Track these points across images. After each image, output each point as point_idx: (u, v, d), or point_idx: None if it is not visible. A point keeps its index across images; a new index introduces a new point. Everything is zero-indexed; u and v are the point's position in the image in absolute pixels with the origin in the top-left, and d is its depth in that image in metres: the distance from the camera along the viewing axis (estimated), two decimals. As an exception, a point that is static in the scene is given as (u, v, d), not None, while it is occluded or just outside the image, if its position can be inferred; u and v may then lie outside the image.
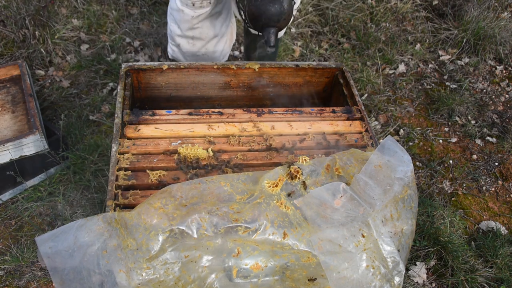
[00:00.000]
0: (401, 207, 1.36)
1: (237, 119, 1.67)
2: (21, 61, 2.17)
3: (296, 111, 1.71)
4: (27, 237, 1.81)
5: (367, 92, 2.57)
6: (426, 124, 2.44)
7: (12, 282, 1.68)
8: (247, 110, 1.69)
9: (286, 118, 1.70)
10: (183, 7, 1.96)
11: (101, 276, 1.16)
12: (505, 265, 1.78)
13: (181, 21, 2.03)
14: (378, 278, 1.28)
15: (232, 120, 1.66)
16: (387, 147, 1.39)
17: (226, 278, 1.25)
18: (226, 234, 1.21)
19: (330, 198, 1.27)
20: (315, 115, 1.72)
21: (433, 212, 1.94)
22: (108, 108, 2.36)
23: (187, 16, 1.99)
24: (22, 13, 2.55)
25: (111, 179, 1.44)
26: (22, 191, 1.94)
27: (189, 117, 1.65)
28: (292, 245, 1.23)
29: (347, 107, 1.77)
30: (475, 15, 2.88)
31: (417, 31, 3.00)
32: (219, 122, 1.66)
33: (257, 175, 1.35)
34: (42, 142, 1.83)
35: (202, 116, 1.65)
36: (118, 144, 1.55)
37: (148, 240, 1.17)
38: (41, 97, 2.38)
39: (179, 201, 1.25)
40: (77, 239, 1.18)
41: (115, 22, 2.84)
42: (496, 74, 2.77)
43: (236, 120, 1.67)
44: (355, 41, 2.88)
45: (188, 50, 2.18)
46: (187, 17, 2.00)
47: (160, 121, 1.64)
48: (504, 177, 2.18)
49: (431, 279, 1.76)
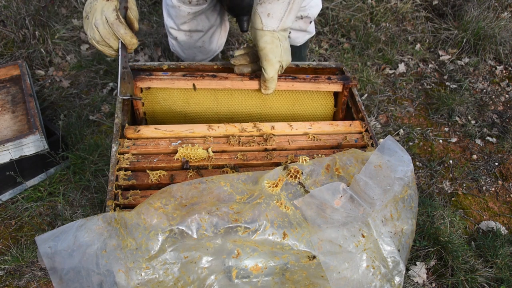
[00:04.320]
0: (401, 207, 1.36)
1: (229, 82, 1.68)
2: (21, 61, 2.17)
3: (289, 77, 1.72)
4: (27, 237, 1.81)
5: (367, 92, 2.57)
6: (426, 124, 2.44)
7: (12, 282, 1.68)
8: (241, 75, 1.70)
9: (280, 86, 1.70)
10: (179, 3, 1.97)
11: (100, 276, 1.16)
12: (505, 265, 1.78)
13: (177, 17, 2.05)
14: (378, 278, 1.28)
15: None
16: (387, 147, 1.39)
17: (225, 280, 1.25)
18: (226, 235, 1.21)
19: (330, 198, 1.27)
20: (309, 81, 1.72)
21: (433, 212, 1.93)
22: (108, 108, 2.36)
23: (183, 12, 2.00)
24: (22, 13, 2.55)
25: (111, 179, 1.44)
26: (22, 191, 1.94)
27: (183, 77, 1.68)
28: (292, 245, 1.23)
29: (343, 75, 1.79)
30: (475, 15, 2.88)
31: (417, 31, 3.00)
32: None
33: (257, 175, 1.35)
34: (42, 142, 1.83)
35: (196, 78, 1.68)
36: (118, 144, 1.55)
37: (147, 240, 1.17)
38: (41, 97, 2.38)
39: (179, 201, 1.25)
40: (77, 239, 1.18)
41: (115, 22, 2.84)
42: (496, 74, 2.77)
43: (229, 83, 1.69)
44: (355, 41, 2.88)
45: (185, 43, 2.22)
46: (183, 13, 2.01)
47: (155, 80, 1.66)
48: (504, 177, 2.17)
49: (431, 279, 1.76)
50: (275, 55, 1.57)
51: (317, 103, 1.82)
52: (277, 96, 1.78)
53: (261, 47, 1.56)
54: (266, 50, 1.56)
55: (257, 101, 1.78)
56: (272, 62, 1.58)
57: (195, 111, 1.79)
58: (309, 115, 1.85)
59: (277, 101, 1.80)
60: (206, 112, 1.79)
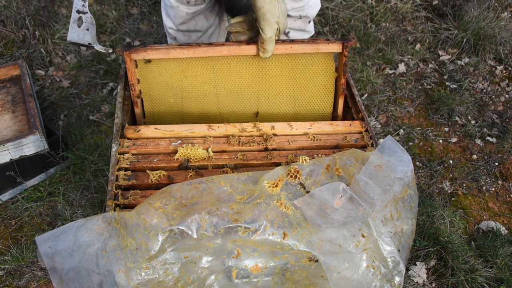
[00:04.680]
0: (401, 207, 1.36)
1: (226, 48, 1.65)
2: (21, 61, 2.17)
3: (287, 40, 1.69)
4: (27, 237, 1.81)
5: (367, 92, 2.57)
6: (426, 124, 2.43)
7: (12, 282, 1.68)
8: (236, 42, 1.67)
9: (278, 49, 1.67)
10: (177, 3, 1.97)
11: (100, 276, 1.16)
12: (505, 265, 1.78)
13: (176, 17, 2.05)
14: (378, 278, 1.28)
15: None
16: (387, 147, 1.39)
17: (225, 280, 1.25)
18: (226, 235, 1.21)
19: (330, 198, 1.27)
20: (307, 43, 1.69)
21: (433, 212, 1.93)
22: (108, 108, 2.36)
23: (181, 12, 2.01)
24: (22, 13, 2.55)
25: (111, 179, 1.44)
26: (22, 191, 1.94)
27: (179, 47, 1.65)
28: (292, 245, 1.23)
29: (343, 38, 1.77)
30: (475, 15, 2.88)
31: (417, 31, 3.00)
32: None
33: (257, 175, 1.35)
34: (42, 142, 1.83)
35: (192, 46, 1.65)
36: (118, 144, 1.55)
37: (147, 240, 1.17)
38: (41, 97, 2.38)
39: (179, 201, 1.25)
40: (77, 239, 1.18)
41: (115, 22, 2.84)
42: (496, 74, 2.77)
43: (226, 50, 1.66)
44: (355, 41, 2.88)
45: (184, 42, 2.21)
46: (182, 13, 2.01)
47: (150, 50, 1.63)
48: (504, 177, 2.17)
49: (431, 279, 1.76)
50: (273, 15, 1.55)
51: (318, 67, 1.75)
52: (275, 62, 1.73)
53: (259, 6, 1.53)
54: (264, 10, 1.53)
55: (255, 69, 1.73)
56: (270, 22, 1.56)
57: (192, 84, 1.73)
58: (310, 83, 1.78)
59: (276, 68, 1.74)
60: (204, 84, 1.74)
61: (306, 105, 1.81)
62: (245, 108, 1.80)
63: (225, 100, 1.78)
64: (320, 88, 1.79)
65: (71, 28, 1.49)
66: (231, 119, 1.81)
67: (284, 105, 1.81)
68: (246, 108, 1.80)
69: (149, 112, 1.79)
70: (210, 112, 1.80)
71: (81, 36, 1.51)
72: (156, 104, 1.77)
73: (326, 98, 1.81)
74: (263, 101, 1.79)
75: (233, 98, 1.78)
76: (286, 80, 1.76)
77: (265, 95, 1.78)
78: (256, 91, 1.77)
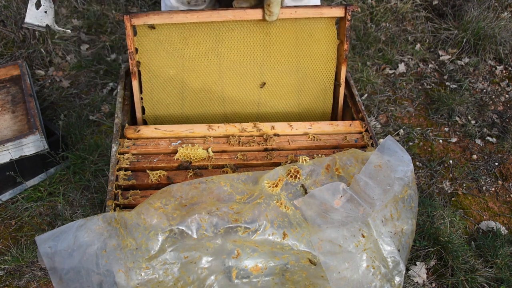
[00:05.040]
0: (401, 207, 1.36)
1: (231, 12, 1.64)
2: (21, 61, 2.17)
3: (292, 5, 1.70)
4: (27, 237, 1.81)
5: (367, 92, 2.57)
6: (426, 124, 2.43)
7: (12, 282, 1.68)
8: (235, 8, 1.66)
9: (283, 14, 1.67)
10: (178, 4, 1.97)
11: (100, 276, 1.16)
12: (505, 265, 1.78)
13: None
14: (378, 278, 1.28)
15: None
16: (387, 147, 1.39)
17: (225, 280, 1.25)
18: (226, 235, 1.21)
19: (330, 198, 1.27)
20: (311, 7, 1.71)
21: (433, 212, 1.93)
22: (108, 108, 2.36)
23: None
24: (22, 13, 2.55)
25: (111, 179, 1.44)
26: (22, 191, 1.94)
27: (182, 11, 1.63)
28: (291, 245, 1.23)
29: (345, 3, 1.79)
30: (475, 15, 2.88)
31: (417, 31, 3.00)
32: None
33: (257, 175, 1.35)
34: (42, 142, 1.83)
35: (196, 12, 1.63)
36: (118, 144, 1.55)
37: (147, 240, 1.17)
38: (41, 97, 2.38)
39: (179, 201, 1.25)
40: (77, 239, 1.18)
41: (115, 22, 2.84)
42: (496, 74, 2.77)
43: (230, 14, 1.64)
44: (355, 41, 2.88)
45: None
46: None
47: (152, 15, 1.61)
48: (504, 177, 2.17)
49: (431, 279, 1.76)
50: None
51: (320, 33, 1.76)
52: (279, 28, 1.73)
53: None
54: None
55: (259, 37, 1.72)
56: None
57: (195, 53, 1.71)
58: (313, 50, 1.78)
59: (279, 35, 1.74)
60: (206, 53, 1.71)
61: (309, 73, 1.81)
62: (248, 79, 1.78)
63: (228, 71, 1.75)
64: (323, 55, 1.80)
65: (28, 10, 1.49)
66: (234, 93, 1.78)
67: (287, 74, 1.80)
68: (249, 80, 1.78)
69: (148, 88, 1.74)
70: (211, 86, 1.76)
71: (39, 18, 1.51)
72: (154, 77, 1.72)
73: (328, 65, 1.82)
74: (266, 71, 1.78)
75: (236, 68, 1.75)
76: (290, 47, 1.77)
77: (269, 64, 1.77)
78: (259, 59, 1.76)
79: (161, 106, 1.77)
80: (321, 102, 1.87)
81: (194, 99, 1.78)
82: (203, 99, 1.79)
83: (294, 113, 1.87)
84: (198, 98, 1.78)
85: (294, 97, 1.84)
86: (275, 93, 1.82)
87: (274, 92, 1.82)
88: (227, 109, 1.81)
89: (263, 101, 1.82)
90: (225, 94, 1.78)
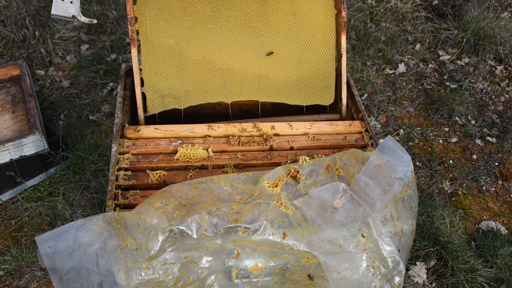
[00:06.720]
0: (401, 207, 1.36)
1: None
2: (21, 61, 2.17)
3: None
4: (27, 237, 1.81)
5: (367, 92, 2.57)
6: (426, 124, 2.43)
7: (12, 282, 1.68)
8: None
9: None
10: None
11: (100, 276, 1.16)
12: (505, 265, 1.78)
13: None
14: (378, 278, 1.28)
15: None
16: (387, 147, 1.39)
17: (225, 280, 1.25)
18: (226, 235, 1.21)
19: (330, 198, 1.27)
20: None
21: (433, 212, 1.93)
22: (108, 108, 2.36)
23: None
24: (22, 13, 2.55)
25: (111, 179, 1.44)
26: (22, 191, 1.94)
27: None
28: (291, 245, 1.23)
29: None
30: (475, 15, 2.88)
31: (417, 31, 3.00)
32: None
33: (257, 175, 1.35)
34: (42, 142, 1.83)
35: None
36: (118, 144, 1.55)
37: (147, 240, 1.17)
38: (41, 97, 2.38)
39: (179, 201, 1.25)
40: (77, 239, 1.18)
41: (115, 22, 2.84)
42: (496, 74, 2.77)
43: None
44: (355, 41, 2.88)
45: None
46: None
47: None
48: (504, 177, 2.17)
49: (431, 279, 1.76)
50: None
51: (318, 2, 1.76)
52: None
53: None
54: None
55: (256, 5, 1.72)
56: None
57: (193, 22, 1.69)
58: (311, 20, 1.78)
59: (277, 4, 1.73)
60: (205, 21, 1.70)
61: (308, 44, 1.81)
62: (248, 50, 1.77)
63: (227, 41, 1.74)
64: (321, 25, 1.80)
65: (54, 2, 1.49)
66: (234, 65, 1.76)
67: (287, 46, 1.79)
68: (249, 50, 1.77)
69: (146, 59, 1.72)
70: (211, 57, 1.75)
71: (65, 9, 1.51)
72: (153, 47, 1.71)
73: (328, 36, 1.81)
74: (266, 42, 1.77)
75: (235, 38, 1.74)
76: (287, 17, 1.76)
77: (268, 34, 1.76)
78: (258, 29, 1.75)
79: (160, 78, 1.73)
80: (323, 75, 1.85)
81: (194, 71, 1.75)
82: (203, 70, 1.75)
83: (296, 87, 1.84)
84: (198, 69, 1.75)
85: (296, 69, 1.82)
86: (276, 65, 1.80)
87: (275, 64, 1.79)
88: (228, 80, 1.78)
89: (264, 73, 1.80)
90: (225, 65, 1.76)
